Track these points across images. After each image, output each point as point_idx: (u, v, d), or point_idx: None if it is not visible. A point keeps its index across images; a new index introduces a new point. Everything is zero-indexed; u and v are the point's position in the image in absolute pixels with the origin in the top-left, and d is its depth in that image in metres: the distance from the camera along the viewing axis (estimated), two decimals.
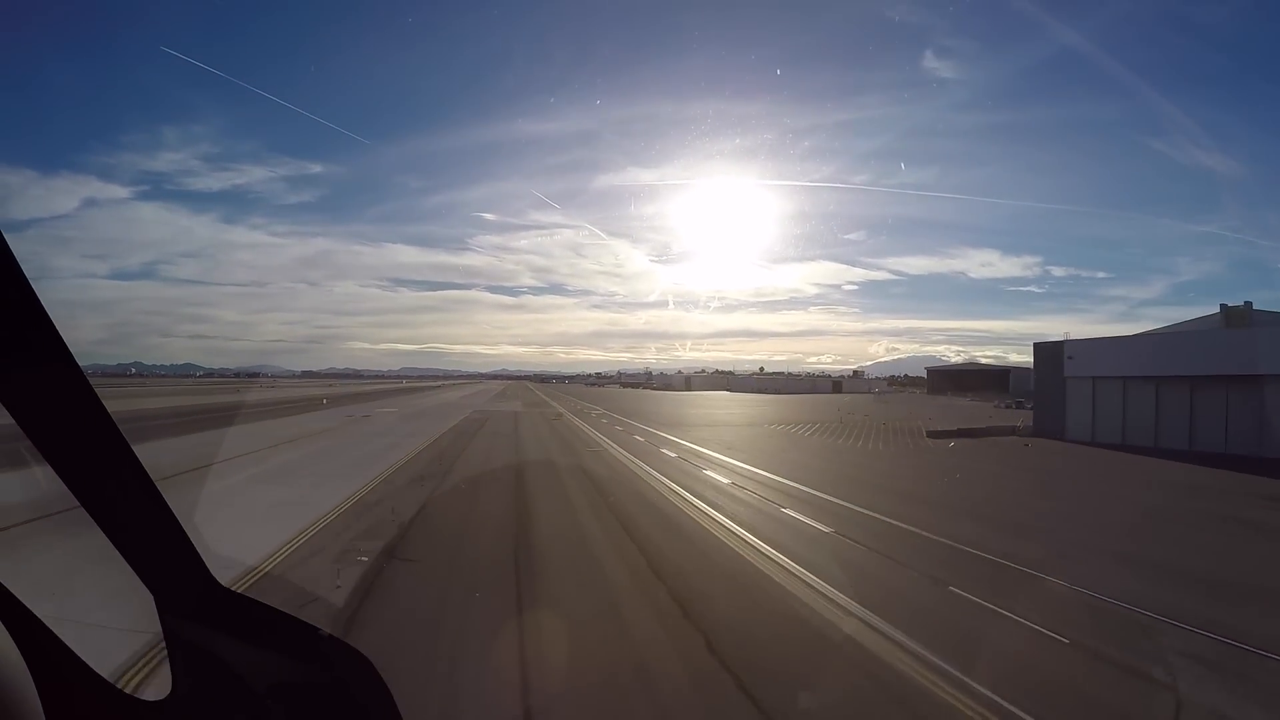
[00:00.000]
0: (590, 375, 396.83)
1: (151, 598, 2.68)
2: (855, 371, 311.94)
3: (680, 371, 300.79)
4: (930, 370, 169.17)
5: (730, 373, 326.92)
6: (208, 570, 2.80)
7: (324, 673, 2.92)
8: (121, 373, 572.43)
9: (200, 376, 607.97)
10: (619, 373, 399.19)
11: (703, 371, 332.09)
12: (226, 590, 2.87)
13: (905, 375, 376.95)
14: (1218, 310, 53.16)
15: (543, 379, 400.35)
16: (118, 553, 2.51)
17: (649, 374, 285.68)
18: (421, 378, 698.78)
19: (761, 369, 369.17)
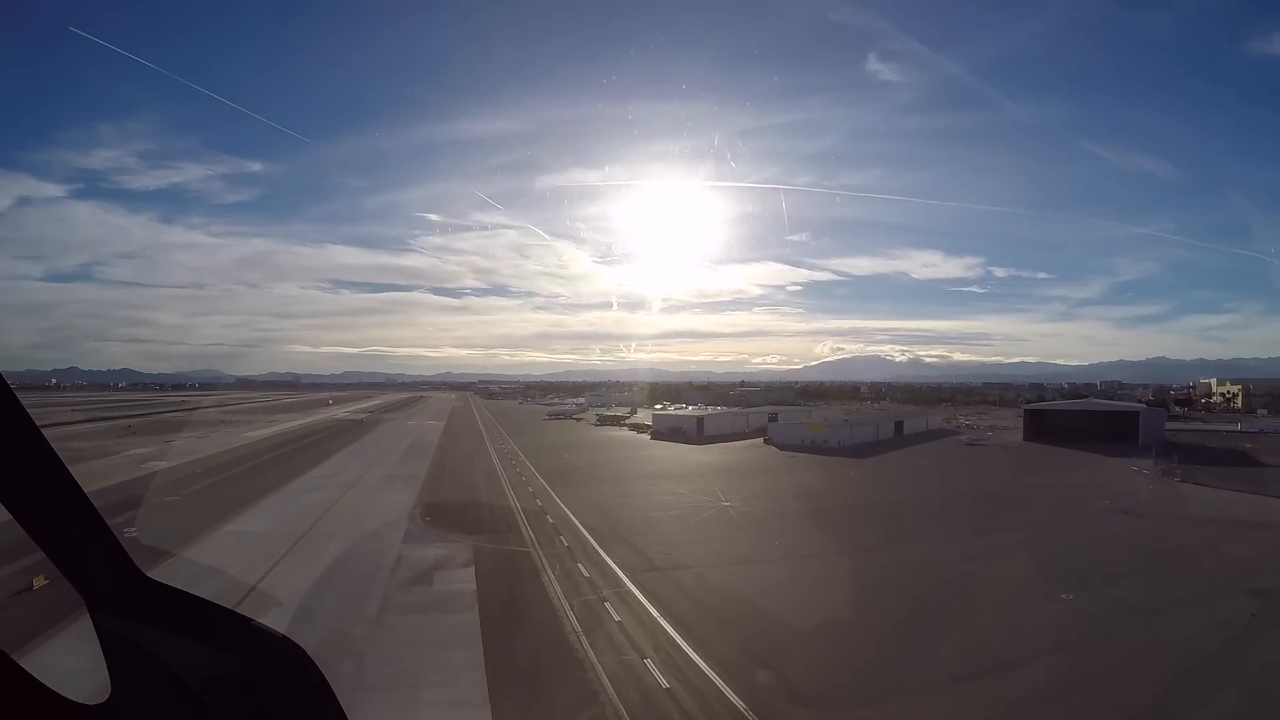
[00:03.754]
0: (547, 393, 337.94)
1: (81, 598, 2.59)
2: (880, 386, 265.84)
3: (658, 390, 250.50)
4: (1029, 412, 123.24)
5: (708, 387, 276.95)
6: (135, 565, 2.73)
7: (259, 663, 2.82)
8: (40, 383, 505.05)
9: (123, 387, 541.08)
10: (577, 388, 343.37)
11: (687, 386, 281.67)
12: (155, 584, 2.77)
13: (891, 385, 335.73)
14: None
15: (490, 393, 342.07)
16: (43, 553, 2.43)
17: (621, 390, 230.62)
18: (360, 386, 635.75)
19: (743, 383, 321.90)
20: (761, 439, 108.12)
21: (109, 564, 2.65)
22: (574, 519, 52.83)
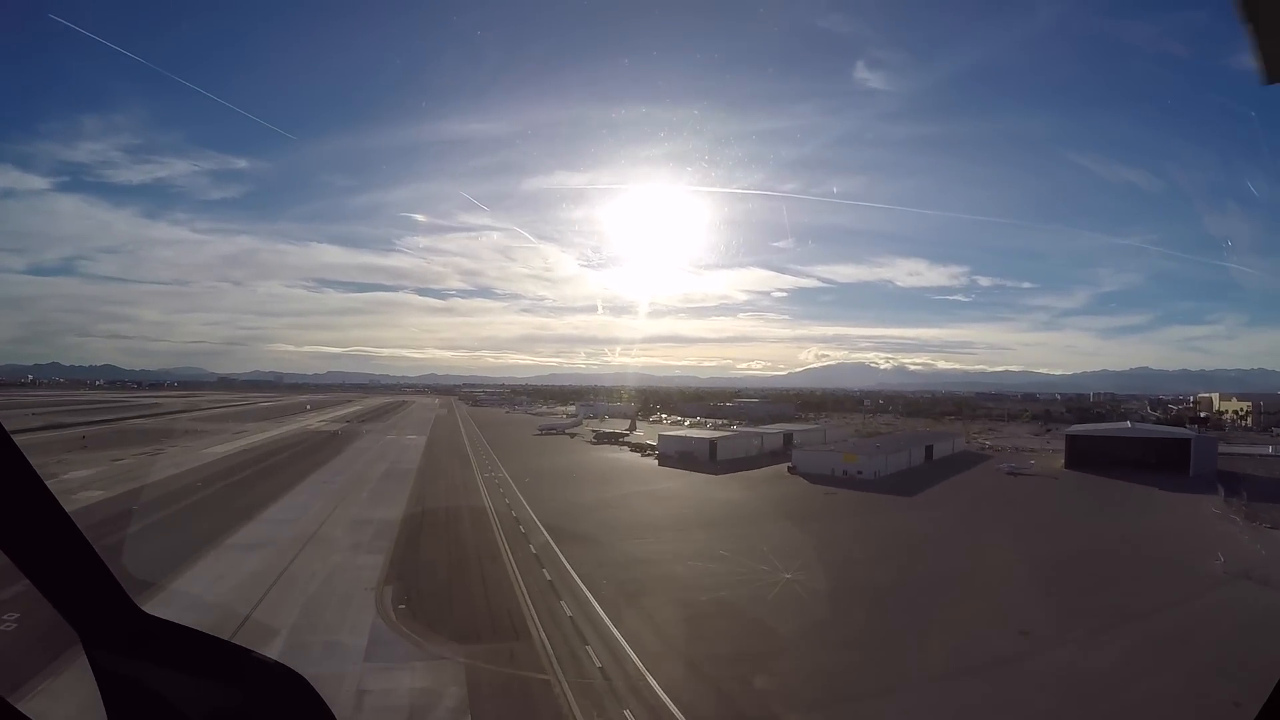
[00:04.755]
0: (534, 399, 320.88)
1: (76, 635, 2.50)
2: (877, 396, 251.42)
3: (649, 397, 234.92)
4: (1071, 437, 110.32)
5: (701, 397, 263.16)
6: (130, 600, 2.60)
7: (261, 695, 2.69)
8: (16, 380, 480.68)
9: (100, 385, 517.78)
10: (564, 394, 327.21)
11: (678, 394, 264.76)
12: (152, 618, 2.65)
13: (889, 395, 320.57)
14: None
15: (476, 399, 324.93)
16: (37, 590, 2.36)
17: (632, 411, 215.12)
18: (343, 387, 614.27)
19: (739, 393, 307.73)
20: (785, 466, 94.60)
21: (104, 599, 2.50)
22: (598, 608, 38.84)
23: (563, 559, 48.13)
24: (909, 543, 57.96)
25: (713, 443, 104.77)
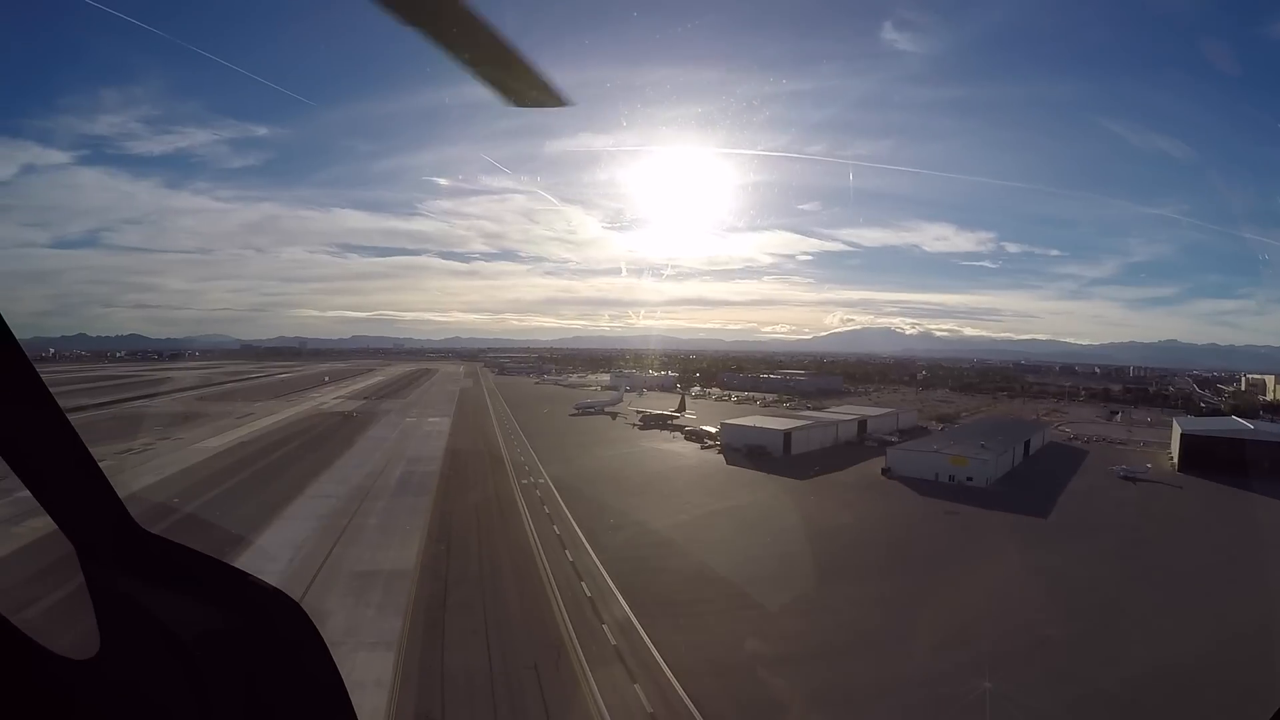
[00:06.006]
0: (562, 366, 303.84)
1: (72, 547, 2.45)
2: (929, 365, 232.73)
3: (686, 365, 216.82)
4: (1190, 438, 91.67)
5: (740, 368, 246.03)
6: (129, 515, 2.56)
7: (252, 618, 2.66)
8: (38, 354, 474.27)
9: (121, 356, 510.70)
10: (593, 359, 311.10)
11: (708, 362, 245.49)
12: (149, 535, 2.60)
13: (921, 366, 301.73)
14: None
15: (502, 367, 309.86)
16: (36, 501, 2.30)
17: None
18: (367, 352, 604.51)
19: (781, 363, 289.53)
20: (879, 468, 78.58)
21: (103, 513, 2.47)
22: None
23: (656, 655, 32.52)
24: (1093, 606, 41.71)
25: (787, 435, 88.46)
